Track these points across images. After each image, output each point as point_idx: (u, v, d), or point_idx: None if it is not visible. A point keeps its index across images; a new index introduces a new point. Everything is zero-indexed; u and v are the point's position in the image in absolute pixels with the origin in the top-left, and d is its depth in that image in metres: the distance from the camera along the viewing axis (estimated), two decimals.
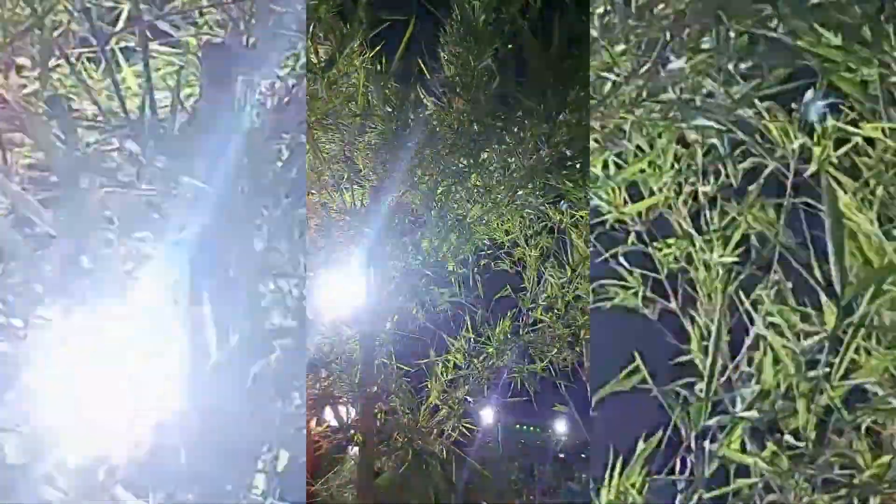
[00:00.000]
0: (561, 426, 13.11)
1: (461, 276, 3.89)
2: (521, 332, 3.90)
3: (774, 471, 1.58)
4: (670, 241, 1.63)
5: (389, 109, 3.39)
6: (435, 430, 3.77)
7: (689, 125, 1.48)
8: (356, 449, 3.58)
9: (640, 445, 1.67)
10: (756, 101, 1.44)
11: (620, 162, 1.60)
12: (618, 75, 1.50)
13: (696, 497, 1.68)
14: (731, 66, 1.39)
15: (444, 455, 3.84)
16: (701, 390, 1.61)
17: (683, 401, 1.62)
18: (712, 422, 1.64)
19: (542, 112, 3.43)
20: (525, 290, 3.99)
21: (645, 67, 1.44)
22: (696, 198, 1.60)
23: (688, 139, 1.58)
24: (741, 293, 1.55)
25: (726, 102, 1.41)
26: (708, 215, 1.57)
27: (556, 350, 3.79)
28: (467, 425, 3.94)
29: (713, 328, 1.55)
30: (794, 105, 1.46)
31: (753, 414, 1.61)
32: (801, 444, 1.56)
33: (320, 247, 3.86)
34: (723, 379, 1.58)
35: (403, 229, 3.88)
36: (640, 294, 1.66)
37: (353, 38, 3.13)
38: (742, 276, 1.56)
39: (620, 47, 1.48)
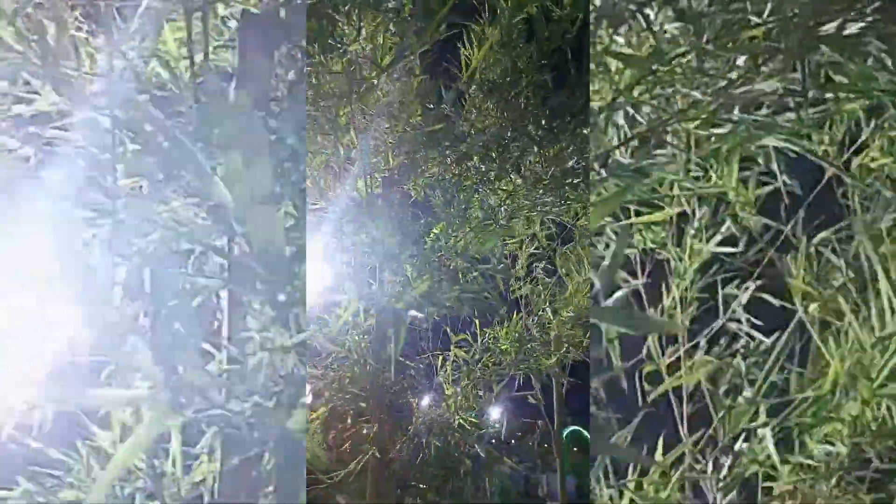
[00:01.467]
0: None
1: (482, 271, 3.85)
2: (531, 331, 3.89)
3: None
4: None
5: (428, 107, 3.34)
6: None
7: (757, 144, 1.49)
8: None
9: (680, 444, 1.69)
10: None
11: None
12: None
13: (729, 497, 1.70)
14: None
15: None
16: (747, 397, 1.62)
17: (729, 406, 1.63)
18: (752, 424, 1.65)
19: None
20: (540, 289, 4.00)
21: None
22: None
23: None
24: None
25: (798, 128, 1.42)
26: None
27: (564, 349, 3.79)
28: (472, 419, 3.93)
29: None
30: None
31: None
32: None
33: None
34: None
35: (418, 223, 3.85)
36: None
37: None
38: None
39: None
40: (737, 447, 1.51)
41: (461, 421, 3.74)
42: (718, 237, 1.64)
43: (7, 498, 1.80)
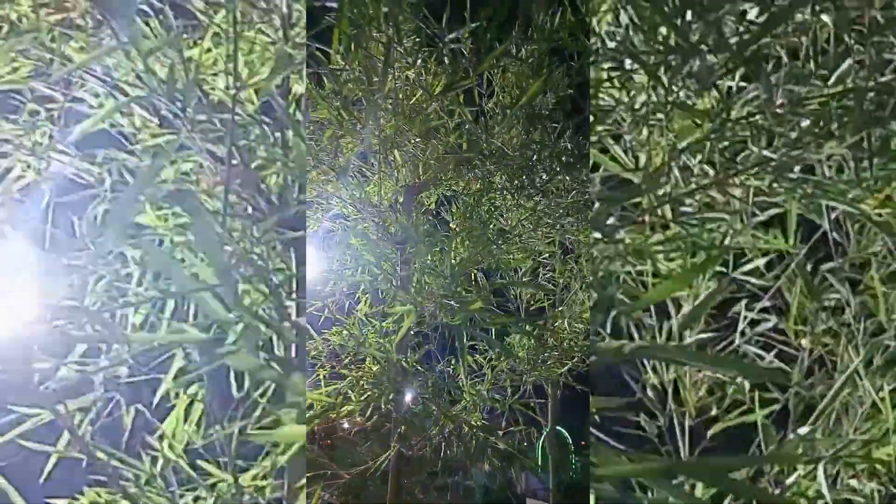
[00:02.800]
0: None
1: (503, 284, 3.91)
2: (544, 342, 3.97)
3: None
4: None
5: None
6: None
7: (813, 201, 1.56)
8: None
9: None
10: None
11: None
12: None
13: None
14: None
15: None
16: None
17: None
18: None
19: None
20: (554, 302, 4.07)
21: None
22: None
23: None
24: None
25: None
26: None
27: (576, 359, 3.86)
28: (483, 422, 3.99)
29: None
30: None
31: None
32: None
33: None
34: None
35: (435, 233, 3.90)
36: None
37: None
38: None
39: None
40: (788, 481, 1.56)
41: (476, 422, 3.80)
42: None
43: None
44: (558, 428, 11.85)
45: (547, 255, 4.09)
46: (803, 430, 1.56)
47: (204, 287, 1.51)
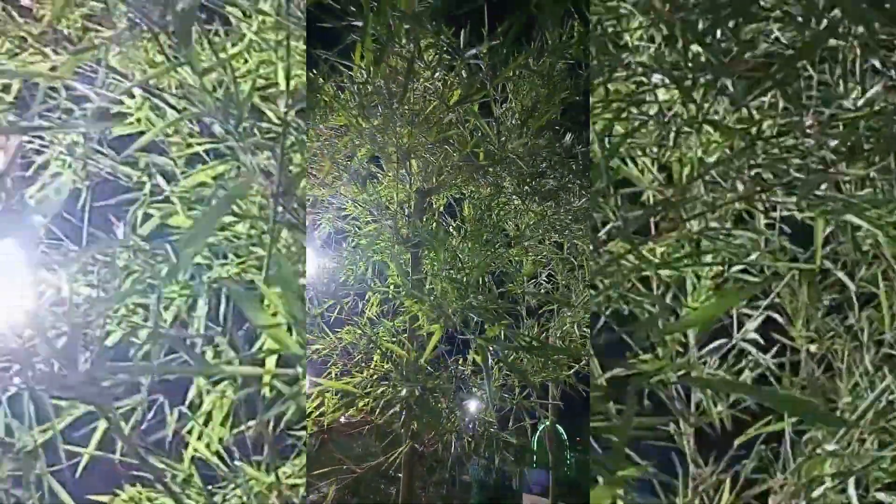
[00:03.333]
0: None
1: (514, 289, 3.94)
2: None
3: None
4: None
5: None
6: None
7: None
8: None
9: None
10: None
11: None
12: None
13: None
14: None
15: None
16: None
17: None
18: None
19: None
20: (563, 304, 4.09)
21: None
22: None
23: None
24: None
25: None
26: None
27: (584, 362, 3.89)
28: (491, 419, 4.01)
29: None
30: None
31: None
32: None
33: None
34: None
35: (446, 237, 3.91)
36: None
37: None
38: None
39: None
40: (814, 494, 1.58)
41: (489, 417, 3.84)
42: None
43: None
44: (556, 425, 11.93)
45: (553, 259, 4.12)
46: (830, 447, 1.58)
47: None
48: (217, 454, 1.95)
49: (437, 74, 3.09)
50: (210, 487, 1.89)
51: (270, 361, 1.82)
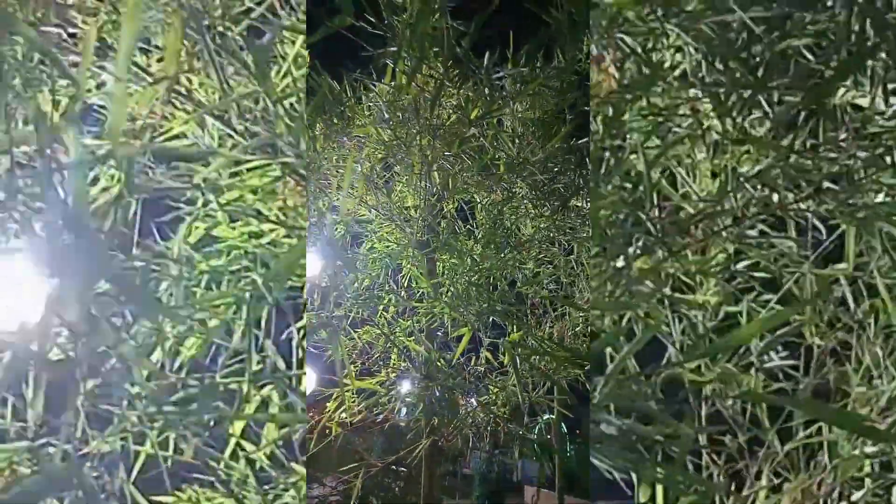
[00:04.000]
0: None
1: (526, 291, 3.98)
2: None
3: None
4: None
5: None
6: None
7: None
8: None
9: None
10: None
11: None
12: None
13: None
14: None
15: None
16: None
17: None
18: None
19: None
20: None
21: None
22: None
23: None
24: None
25: None
26: None
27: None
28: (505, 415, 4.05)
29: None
30: None
31: None
32: None
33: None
34: None
35: (459, 241, 3.94)
36: None
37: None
38: None
39: None
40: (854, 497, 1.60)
41: (506, 413, 3.88)
42: None
43: None
44: (550, 416, 11.98)
45: (561, 261, 4.16)
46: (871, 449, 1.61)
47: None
48: (269, 456, 1.98)
49: (461, 91, 3.17)
50: (266, 487, 1.92)
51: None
